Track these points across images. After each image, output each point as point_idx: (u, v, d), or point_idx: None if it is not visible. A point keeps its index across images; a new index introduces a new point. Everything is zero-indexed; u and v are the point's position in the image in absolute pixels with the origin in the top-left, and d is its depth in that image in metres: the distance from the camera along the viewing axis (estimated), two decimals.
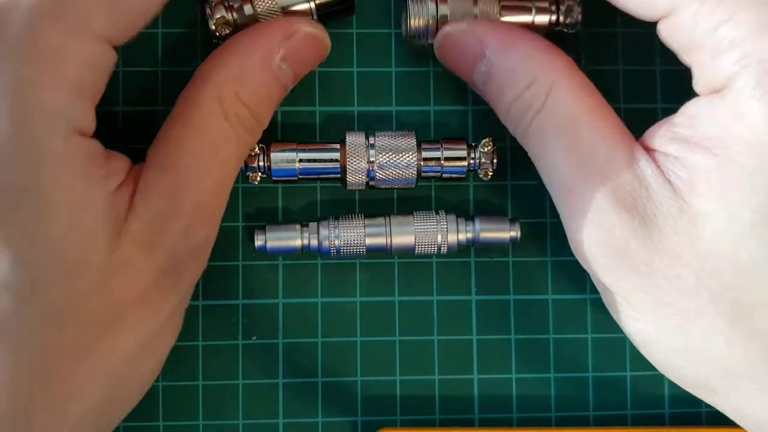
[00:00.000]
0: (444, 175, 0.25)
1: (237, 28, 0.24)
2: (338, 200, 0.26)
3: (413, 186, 0.25)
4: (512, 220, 0.25)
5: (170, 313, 0.22)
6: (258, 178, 0.25)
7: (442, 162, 0.25)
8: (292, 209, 0.26)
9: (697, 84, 0.21)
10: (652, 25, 0.22)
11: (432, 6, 0.24)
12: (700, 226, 0.20)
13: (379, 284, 0.26)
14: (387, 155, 0.24)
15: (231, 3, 0.24)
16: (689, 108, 0.21)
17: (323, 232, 0.25)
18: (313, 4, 0.24)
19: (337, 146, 0.25)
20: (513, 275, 0.26)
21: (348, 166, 0.24)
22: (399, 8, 0.26)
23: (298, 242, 0.25)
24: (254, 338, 0.26)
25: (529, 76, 0.22)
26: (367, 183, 0.25)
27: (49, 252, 0.19)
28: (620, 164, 0.21)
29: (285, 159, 0.25)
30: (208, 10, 0.24)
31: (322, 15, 0.25)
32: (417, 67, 0.26)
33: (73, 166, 0.20)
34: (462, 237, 0.25)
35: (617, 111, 0.22)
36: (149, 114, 0.26)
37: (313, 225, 0.25)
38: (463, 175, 0.25)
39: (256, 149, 0.24)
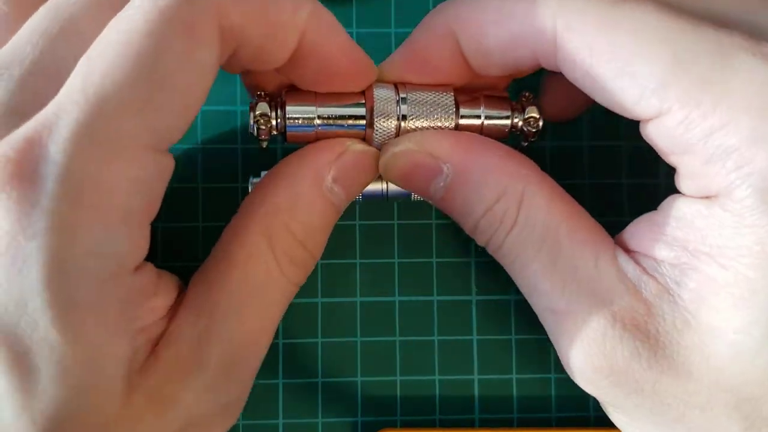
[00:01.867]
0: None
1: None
2: None
3: None
4: None
5: None
6: (267, 135, 0.22)
7: (483, 119, 0.22)
8: None
9: (684, 185, 0.20)
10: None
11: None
12: (711, 341, 0.18)
13: (379, 284, 0.26)
14: (421, 108, 0.22)
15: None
16: (677, 209, 0.19)
17: None
18: None
19: (362, 101, 0.22)
20: None
21: (375, 126, 0.22)
22: (399, 8, 0.26)
23: None
24: None
25: (498, 188, 0.20)
26: None
27: (48, 410, 0.17)
28: (610, 278, 0.19)
29: (302, 114, 0.21)
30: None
31: None
32: None
33: (103, 315, 0.17)
34: None
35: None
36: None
37: None
38: (506, 136, 0.23)
39: (264, 97, 0.22)
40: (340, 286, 0.26)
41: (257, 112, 0.21)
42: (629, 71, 0.18)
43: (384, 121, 0.21)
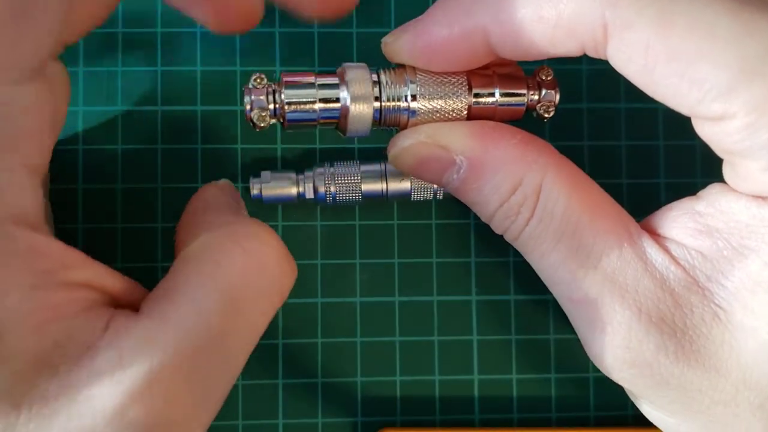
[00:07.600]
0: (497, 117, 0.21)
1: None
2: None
3: None
4: None
5: None
6: (267, 121, 0.20)
7: (498, 98, 0.21)
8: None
9: (734, 182, 0.19)
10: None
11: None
12: (742, 338, 0.18)
13: (379, 284, 0.26)
14: (431, 89, 0.20)
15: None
16: (724, 201, 0.19)
17: (318, 177, 0.24)
18: None
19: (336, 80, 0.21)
20: (513, 275, 0.26)
21: (352, 104, 0.20)
22: (399, 8, 0.26)
23: (294, 190, 0.24)
24: None
25: (514, 179, 0.20)
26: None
27: None
28: (635, 268, 0.19)
29: (302, 98, 0.20)
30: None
31: None
32: None
33: None
34: None
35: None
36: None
37: (309, 173, 0.24)
38: (521, 115, 0.22)
39: (264, 80, 0.20)
40: (340, 286, 0.26)
41: (252, 97, 0.20)
42: (690, 75, 0.17)
43: (360, 97, 0.20)
